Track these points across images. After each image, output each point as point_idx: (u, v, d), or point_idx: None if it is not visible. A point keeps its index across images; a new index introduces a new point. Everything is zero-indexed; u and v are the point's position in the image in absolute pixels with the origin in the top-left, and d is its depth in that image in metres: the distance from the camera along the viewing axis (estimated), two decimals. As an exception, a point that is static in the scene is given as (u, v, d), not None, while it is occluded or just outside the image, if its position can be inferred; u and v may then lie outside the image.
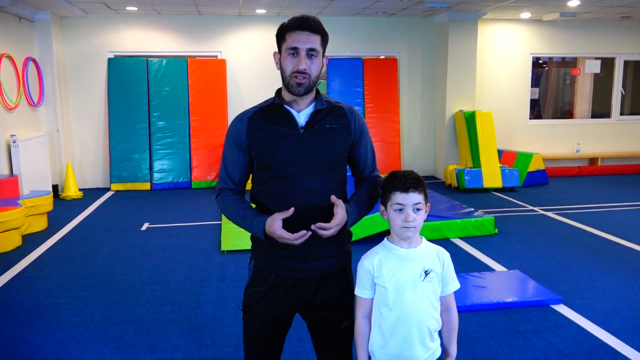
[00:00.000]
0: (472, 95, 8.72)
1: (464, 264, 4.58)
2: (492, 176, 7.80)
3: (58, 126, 7.78)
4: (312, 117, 1.83)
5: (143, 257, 4.89)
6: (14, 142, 6.39)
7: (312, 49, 1.76)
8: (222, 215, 6.20)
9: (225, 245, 5.02)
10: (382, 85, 8.92)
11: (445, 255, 1.78)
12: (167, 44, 8.41)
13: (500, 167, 7.92)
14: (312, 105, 1.85)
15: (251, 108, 1.91)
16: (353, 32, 8.79)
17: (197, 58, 8.52)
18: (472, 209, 5.83)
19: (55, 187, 7.59)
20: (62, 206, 7.01)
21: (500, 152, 8.48)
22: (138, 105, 8.24)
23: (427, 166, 9.36)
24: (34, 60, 7.37)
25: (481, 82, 9.04)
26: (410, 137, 9.25)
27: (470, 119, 8.14)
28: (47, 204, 5.93)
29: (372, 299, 1.77)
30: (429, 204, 1.76)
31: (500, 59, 9.16)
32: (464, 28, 8.50)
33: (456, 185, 8.01)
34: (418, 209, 1.70)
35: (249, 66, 8.60)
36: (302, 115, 1.84)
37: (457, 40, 8.52)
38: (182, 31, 8.41)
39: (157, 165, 8.26)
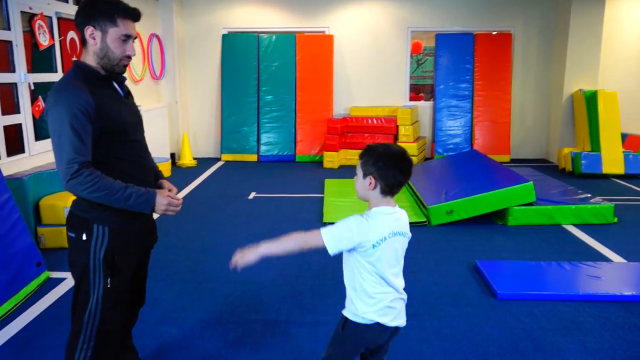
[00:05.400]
0: (595, 73, 8.03)
1: (576, 252, 4.31)
2: (613, 161, 7.19)
3: (176, 98, 8.33)
4: (124, 87, 2.07)
5: (249, 223, 5.15)
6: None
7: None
8: (325, 189, 6.31)
9: (328, 217, 5.13)
10: (494, 62, 8.49)
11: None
12: (277, 20, 8.61)
13: (624, 151, 7.27)
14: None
15: (70, 77, 1.89)
16: (464, 5, 8.42)
17: (306, 34, 8.65)
18: (589, 195, 5.43)
19: (172, 155, 8.18)
20: (178, 173, 7.54)
21: (624, 136, 7.76)
22: (248, 80, 8.57)
23: (538, 148, 8.83)
24: (157, 37, 7.92)
25: (606, 59, 8.27)
26: (523, 117, 8.75)
27: (591, 98, 7.52)
28: (166, 170, 6.43)
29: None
30: (372, 176, 1.85)
31: (629, 34, 8.31)
32: (589, 0, 7.80)
33: (571, 169, 7.48)
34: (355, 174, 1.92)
35: (356, 42, 8.57)
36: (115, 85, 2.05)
37: (580, 13, 7.84)
38: (291, 7, 8.56)
39: (264, 138, 8.58)
